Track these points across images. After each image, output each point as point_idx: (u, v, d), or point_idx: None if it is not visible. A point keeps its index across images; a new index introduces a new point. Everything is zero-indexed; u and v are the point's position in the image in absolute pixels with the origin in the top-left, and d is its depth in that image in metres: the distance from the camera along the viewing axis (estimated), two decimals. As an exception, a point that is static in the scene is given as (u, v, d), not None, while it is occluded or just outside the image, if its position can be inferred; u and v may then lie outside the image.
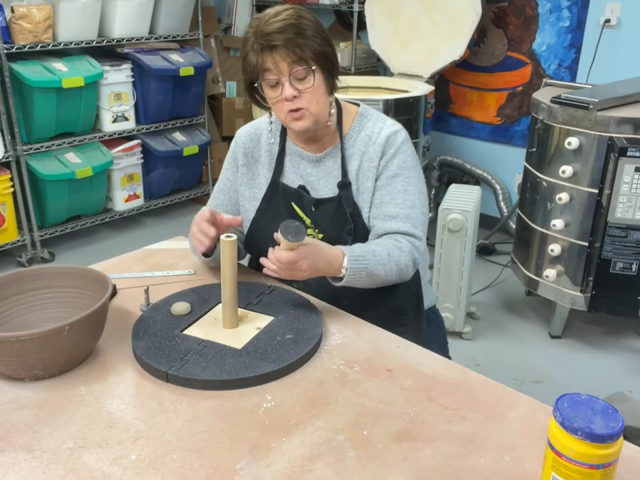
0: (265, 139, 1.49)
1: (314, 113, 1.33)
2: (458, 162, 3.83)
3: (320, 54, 1.29)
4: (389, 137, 1.39)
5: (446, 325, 1.94)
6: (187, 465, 0.91)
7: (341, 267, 1.26)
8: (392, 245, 1.34)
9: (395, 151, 1.39)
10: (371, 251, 1.30)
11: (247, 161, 1.49)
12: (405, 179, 1.39)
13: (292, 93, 1.29)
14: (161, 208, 4.06)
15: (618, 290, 2.36)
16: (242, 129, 1.53)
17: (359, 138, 1.41)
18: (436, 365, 1.16)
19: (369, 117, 1.44)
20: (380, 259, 1.30)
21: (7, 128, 3.16)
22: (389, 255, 1.31)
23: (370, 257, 1.29)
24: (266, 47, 1.27)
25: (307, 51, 1.27)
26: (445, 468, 0.91)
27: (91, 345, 1.17)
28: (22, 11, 3.08)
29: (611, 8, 3.08)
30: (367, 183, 1.40)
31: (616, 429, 0.78)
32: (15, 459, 0.92)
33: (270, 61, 1.28)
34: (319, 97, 1.32)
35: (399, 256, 1.32)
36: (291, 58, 1.27)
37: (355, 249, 1.30)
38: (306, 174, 1.44)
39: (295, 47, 1.26)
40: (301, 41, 1.26)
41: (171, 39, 3.81)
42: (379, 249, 1.32)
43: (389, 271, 1.31)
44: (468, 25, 3.30)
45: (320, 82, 1.32)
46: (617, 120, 2.29)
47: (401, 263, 1.32)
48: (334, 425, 0.99)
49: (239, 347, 1.17)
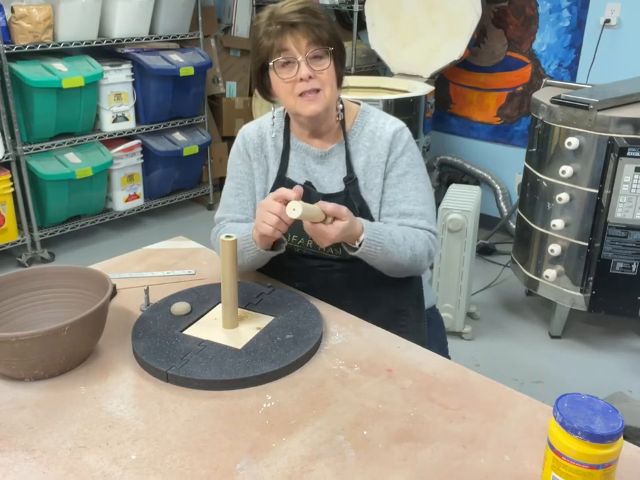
0: (269, 135, 1.48)
1: (327, 97, 1.33)
2: (458, 162, 3.83)
3: (334, 38, 1.32)
4: (395, 132, 1.39)
5: (446, 325, 1.95)
6: (186, 464, 0.91)
7: (359, 236, 1.27)
8: (409, 231, 1.35)
9: (403, 149, 1.39)
10: (388, 230, 1.31)
11: (257, 156, 1.48)
12: (415, 176, 1.40)
13: (308, 72, 1.29)
14: (161, 208, 4.06)
15: (618, 290, 2.36)
16: (246, 127, 1.52)
17: (363, 134, 1.42)
18: (436, 365, 1.16)
19: (370, 113, 1.45)
20: (395, 239, 1.30)
21: (6, 128, 3.16)
22: (404, 238, 1.32)
23: (386, 235, 1.29)
24: (286, 25, 1.28)
25: (324, 33, 1.29)
26: (445, 468, 0.91)
27: (90, 345, 1.17)
28: (22, 10, 3.08)
29: (610, 8, 3.08)
30: (375, 179, 1.40)
31: (616, 429, 0.78)
32: (15, 459, 0.92)
33: (289, 40, 1.29)
34: (332, 82, 1.33)
35: (414, 241, 1.33)
36: (310, 37, 1.28)
37: (374, 223, 1.32)
38: (311, 170, 1.44)
39: (314, 27, 1.28)
40: (319, 22, 1.29)
41: (171, 39, 3.81)
42: (396, 230, 1.33)
43: (402, 252, 1.31)
44: (468, 25, 3.30)
45: (333, 67, 1.33)
46: (617, 120, 2.29)
47: (416, 249, 1.33)
48: (334, 425, 0.99)
49: (239, 347, 1.17)
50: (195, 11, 3.90)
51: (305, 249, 1.43)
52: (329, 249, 1.40)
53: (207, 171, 4.26)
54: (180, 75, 3.65)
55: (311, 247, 1.41)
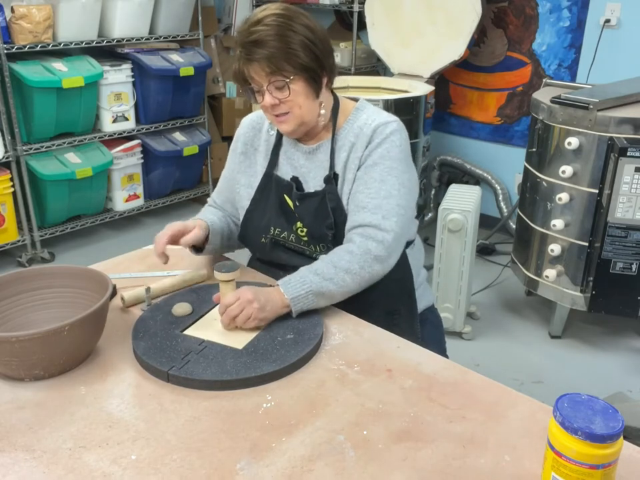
0: (266, 129, 1.51)
1: (297, 117, 1.34)
2: (458, 162, 3.83)
3: (299, 65, 1.29)
4: (377, 127, 1.37)
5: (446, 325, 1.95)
6: (186, 465, 0.91)
7: (284, 298, 1.24)
8: (340, 253, 1.30)
9: (380, 141, 1.36)
10: (312, 271, 1.27)
11: (245, 149, 1.51)
12: (385, 168, 1.35)
13: (271, 102, 1.32)
14: (161, 208, 4.06)
15: (618, 290, 2.36)
16: (247, 117, 1.56)
17: (351, 130, 1.41)
18: (436, 365, 1.16)
19: (364, 110, 1.44)
20: (325, 274, 1.26)
21: (7, 128, 3.16)
22: (335, 267, 1.27)
23: (310, 279, 1.25)
24: (244, 58, 1.30)
25: (283, 64, 1.28)
26: (445, 468, 0.91)
27: (90, 345, 1.17)
28: (22, 11, 3.08)
29: (611, 8, 3.08)
30: (348, 174, 1.39)
31: (616, 429, 0.78)
32: (15, 459, 0.92)
33: (248, 71, 1.31)
34: (301, 103, 1.33)
35: (348, 261, 1.28)
36: (266, 71, 1.29)
37: (295, 276, 1.27)
38: (299, 165, 1.45)
39: (270, 62, 1.27)
40: (278, 54, 1.27)
41: (171, 39, 3.81)
42: (323, 264, 1.28)
43: (341, 280, 1.27)
44: (468, 25, 3.30)
45: (300, 89, 1.32)
46: (617, 120, 2.29)
47: (353, 268, 1.27)
48: (334, 425, 0.99)
49: (240, 347, 1.17)
50: (195, 11, 3.90)
51: (288, 242, 1.45)
52: (311, 245, 1.41)
53: (207, 170, 4.26)
54: (180, 75, 3.66)
55: (294, 241, 1.44)
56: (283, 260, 1.47)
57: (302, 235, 1.42)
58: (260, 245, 1.48)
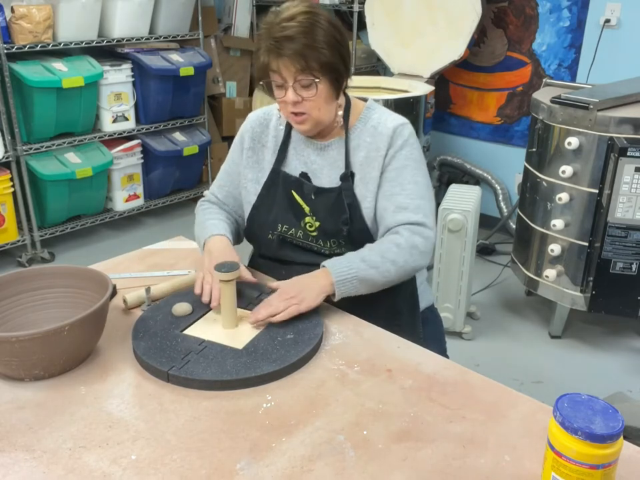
0: (274, 125, 1.50)
1: (315, 118, 1.36)
2: (458, 162, 3.83)
3: (327, 65, 1.30)
4: (396, 128, 1.40)
5: (446, 324, 1.95)
6: (186, 465, 0.91)
7: (330, 281, 1.27)
8: (388, 244, 1.33)
9: (402, 143, 1.40)
10: (359, 257, 1.30)
11: (253, 145, 1.51)
12: (414, 170, 1.40)
13: (294, 98, 1.32)
14: (161, 208, 4.06)
15: (618, 290, 2.36)
16: (253, 113, 1.56)
17: (365, 129, 1.43)
18: (436, 365, 1.16)
19: (375, 109, 1.46)
20: (372, 262, 1.29)
21: (7, 128, 3.16)
22: (382, 256, 1.31)
23: (357, 265, 1.28)
24: (274, 52, 1.29)
25: (313, 63, 1.28)
26: (445, 468, 0.91)
27: (90, 345, 1.17)
28: (22, 11, 3.08)
29: (611, 8, 3.08)
30: (372, 172, 1.40)
31: (616, 429, 0.78)
32: (15, 459, 0.92)
33: (277, 65, 1.30)
34: (321, 104, 1.34)
35: (395, 253, 1.31)
36: (296, 67, 1.28)
37: (341, 260, 1.30)
38: (310, 161, 1.46)
39: (302, 58, 1.27)
40: (309, 52, 1.27)
41: (171, 39, 3.81)
42: (370, 252, 1.32)
43: (385, 271, 1.30)
44: (468, 25, 3.30)
45: (324, 90, 1.33)
46: (617, 120, 2.29)
47: (399, 261, 1.31)
48: (334, 425, 0.99)
49: (240, 347, 1.17)
50: (195, 11, 3.90)
51: (295, 239, 1.45)
52: (319, 240, 1.42)
53: (207, 170, 4.26)
54: (180, 75, 3.65)
55: (301, 237, 1.44)
56: (289, 257, 1.47)
57: (311, 231, 1.43)
58: (267, 242, 1.48)
